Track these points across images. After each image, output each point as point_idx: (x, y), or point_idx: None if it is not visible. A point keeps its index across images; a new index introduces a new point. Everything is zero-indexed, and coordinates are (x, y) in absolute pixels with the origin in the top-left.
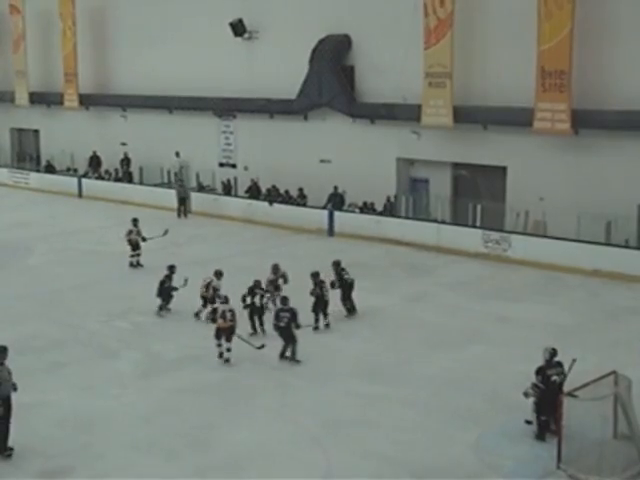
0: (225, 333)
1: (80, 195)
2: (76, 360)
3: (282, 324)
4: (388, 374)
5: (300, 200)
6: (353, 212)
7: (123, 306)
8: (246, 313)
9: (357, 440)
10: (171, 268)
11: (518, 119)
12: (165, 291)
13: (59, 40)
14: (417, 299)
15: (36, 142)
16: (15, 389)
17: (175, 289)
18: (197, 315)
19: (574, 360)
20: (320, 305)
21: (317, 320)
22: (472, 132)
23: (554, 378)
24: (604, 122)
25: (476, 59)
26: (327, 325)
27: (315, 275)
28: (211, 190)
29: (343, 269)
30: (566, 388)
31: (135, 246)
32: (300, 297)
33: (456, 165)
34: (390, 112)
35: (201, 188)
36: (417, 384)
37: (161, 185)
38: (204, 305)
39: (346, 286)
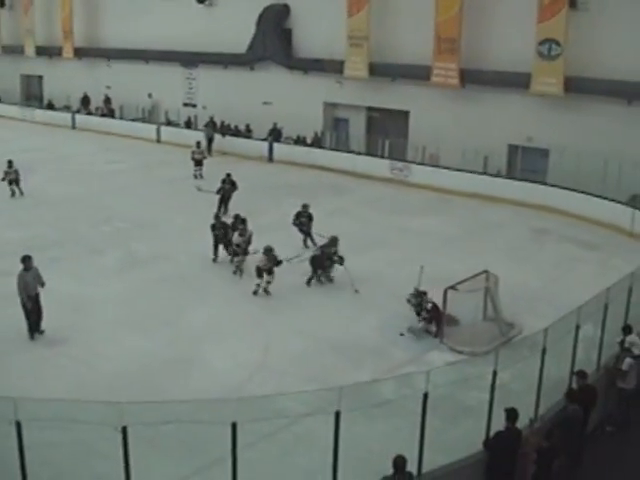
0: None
1: (74, 127)
2: (70, 256)
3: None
4: None
5: (247, 133)
6: (289, 144)
7: (106, 214)
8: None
9: (290, 320)
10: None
11: (419, 74)
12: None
13: (59, 4)
14: (338, 213)
15: (40, 85)
16: (42, 285)
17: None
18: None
19: (422, 267)
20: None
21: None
22: (383, 83)
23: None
24: (485, 79)
25: (388, 26)
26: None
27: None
28: (176, 124)
29: (224, 180)
30: (449, 283)
31: (198, 162)
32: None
33: (370, 109)
34: (319, 65)
35: (169, 123)
36: (335, 281)
37: (137, 120)
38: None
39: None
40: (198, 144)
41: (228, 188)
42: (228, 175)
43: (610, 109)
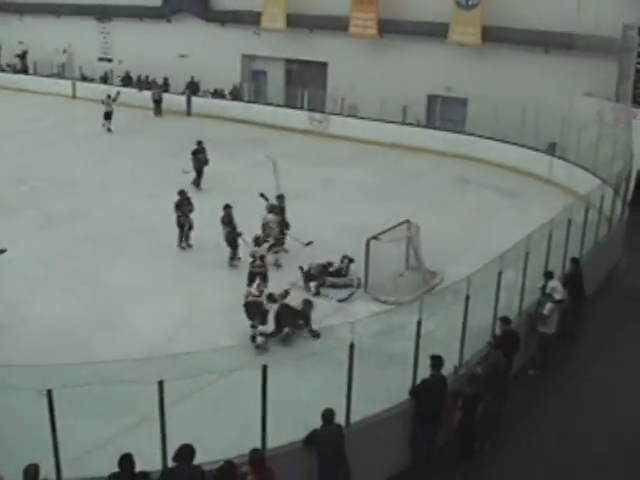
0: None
1: None
2: None
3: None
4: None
5: (164, 87)
6: (206, 97)
7: (23, 173)
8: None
9: (214, 276)
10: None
11: (337, 25)
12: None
13: None
14: (259, 166)
15: None
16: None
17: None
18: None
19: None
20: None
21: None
22: (301, 34)
23: None
24: (403, 29)
25: None
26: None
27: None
28: (92, 80)
29: (197, 150)
30: (371, 233)
31: (107, 115)
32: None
33: (288, 60)
34: (237, 17)
35: (84, 78)
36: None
37: (52, 76)
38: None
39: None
40: (108, 97)
41: (202, 158)
42: (199, 143)
43: (528, 58)
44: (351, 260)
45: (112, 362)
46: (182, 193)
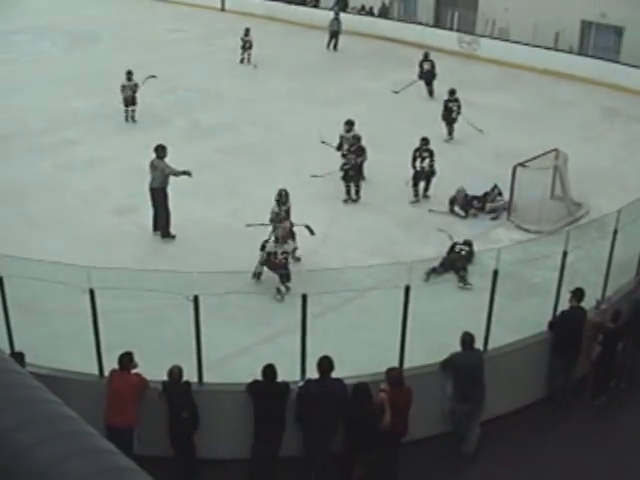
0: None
1: None
2: (136, 125)
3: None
4: (382, 143)
5: (314, 2)
6: (355, 14)
7: (170, 84)
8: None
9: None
10: None
11: None
12: None
13: None
14: (403, 85)
15: None
16: (177, 174)
17: None
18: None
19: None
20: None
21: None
22: None
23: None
24: None
25: None
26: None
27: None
28: None
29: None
30: (517, 160)
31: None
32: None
33: None
34: None
35: None
36: (403, 152)
37: None
38: None
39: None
40: (247, 30)
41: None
42: (426, 55)
43: None
44: (500, 193)
45: None
46: (347, 122)
